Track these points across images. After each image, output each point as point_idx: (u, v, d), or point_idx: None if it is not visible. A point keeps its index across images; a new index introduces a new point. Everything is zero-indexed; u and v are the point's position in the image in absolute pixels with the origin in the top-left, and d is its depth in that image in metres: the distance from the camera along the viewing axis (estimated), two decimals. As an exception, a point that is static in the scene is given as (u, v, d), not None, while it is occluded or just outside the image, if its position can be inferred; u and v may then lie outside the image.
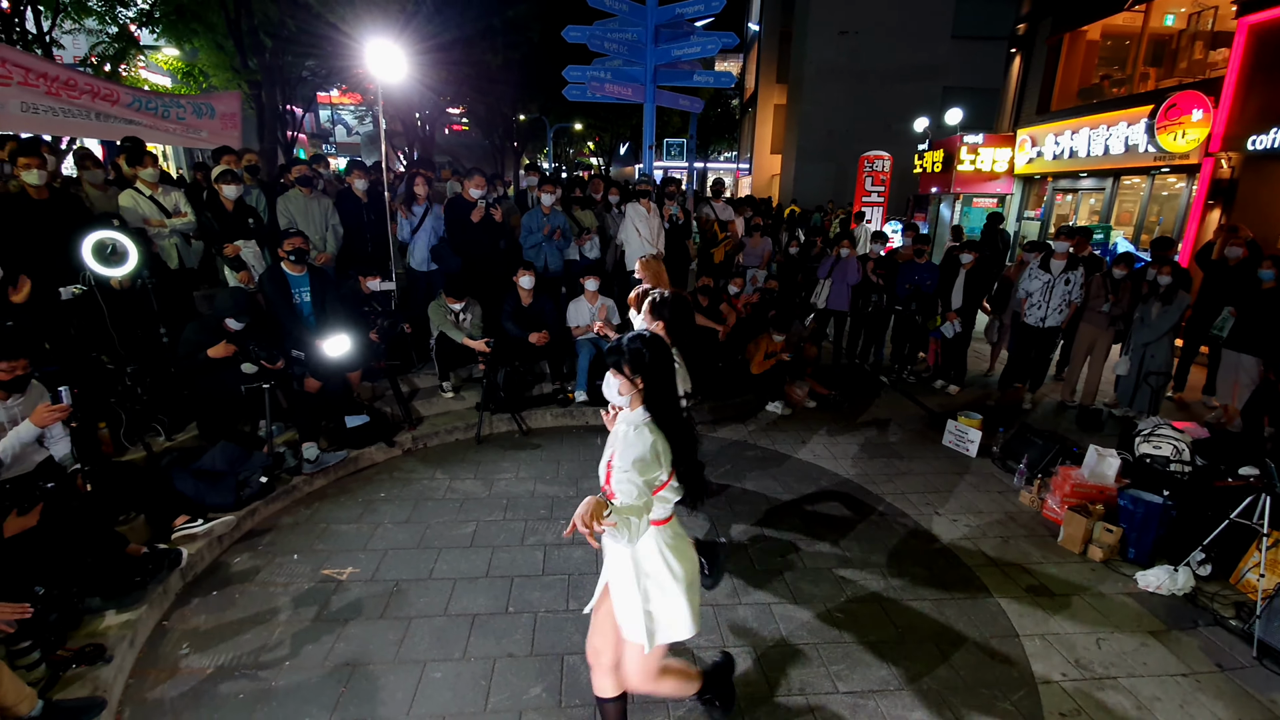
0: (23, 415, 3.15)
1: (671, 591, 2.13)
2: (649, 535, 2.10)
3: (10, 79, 5.83)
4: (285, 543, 3.83)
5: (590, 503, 1.77)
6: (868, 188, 13.64)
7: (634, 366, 2.01)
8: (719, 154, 37.56)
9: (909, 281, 6.84)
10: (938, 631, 3.24)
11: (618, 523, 1.79)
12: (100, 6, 10.71)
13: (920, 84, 19.65)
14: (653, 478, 1.93)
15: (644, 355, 2.01)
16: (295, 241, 4.69)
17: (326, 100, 28.47)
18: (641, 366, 2.01)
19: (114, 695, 2.67)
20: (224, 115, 7.13)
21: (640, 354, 2.01)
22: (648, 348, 2.02)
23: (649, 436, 1.98)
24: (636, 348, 2.02)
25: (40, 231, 4.05)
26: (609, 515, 1.78)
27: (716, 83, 8.31)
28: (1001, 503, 4.61)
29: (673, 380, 2.06)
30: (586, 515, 1.74)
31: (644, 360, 2.01)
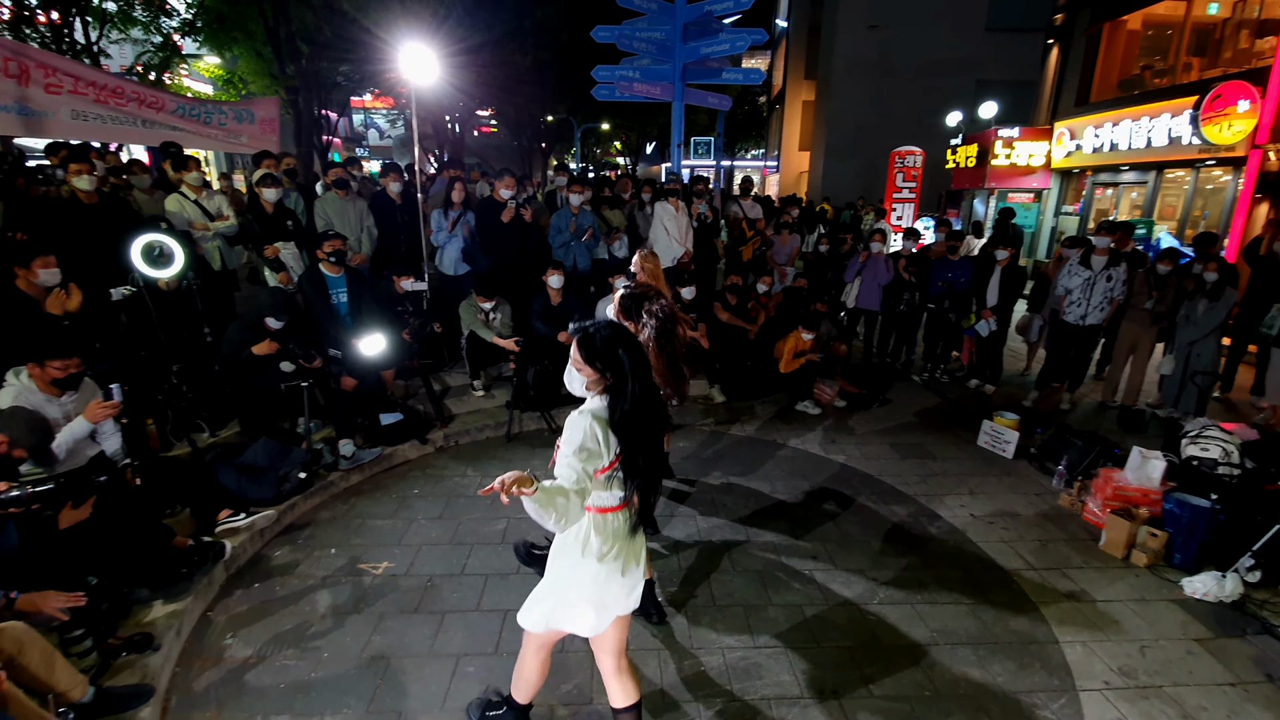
0: (76, 412, 3.29)
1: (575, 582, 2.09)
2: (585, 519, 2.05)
3: (61, 87, 6.08)
4: (323, 537, 3.92)
5: (516, 473, 1.73)
6: (898, 184, 13.44)
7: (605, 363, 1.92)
8: (746, 152, 37.32)
9: (942, 279, 6.72)
10: (974, 636, 3.18)
11: (541, 500, 1.75)
12: (145, 16, 11.10)
13: (953, 78, 19.23)
14: (595, 465, 1.88)
15: (614, 347, 1.92)
16: (335, 244, 4.80)
17: (360, 104, 29.03)
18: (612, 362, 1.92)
19: (161, 683, 2.75)
20: (263, 120, 7.32)
21: (610, 344, 1.93)
22: (617, 339, 1.94)
23: (589, 421, 1.90)
24: (608, 338, 1.93)
25: (91, 235, 4.21)
26: (534, 489, 1.74)
27: (745, 80, 8.28)
28: (1039, 505, 4.51)
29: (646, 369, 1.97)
30: (509, 480, 1.71)
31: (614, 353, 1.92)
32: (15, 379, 3.20)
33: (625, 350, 1.92)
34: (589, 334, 1.94)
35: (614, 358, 1.91)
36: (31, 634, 2.31)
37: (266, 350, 4.20)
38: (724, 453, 5.24)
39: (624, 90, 7.34)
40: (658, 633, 3.15)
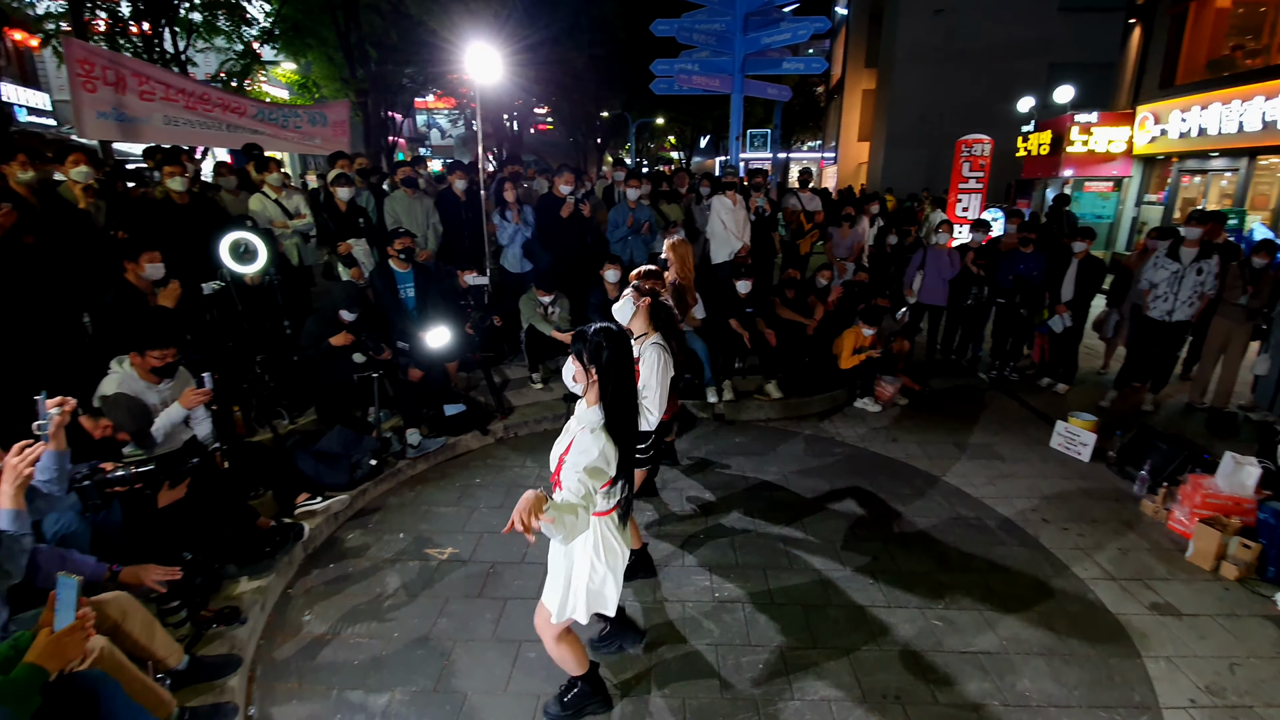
0: (172, 398, 3.53)
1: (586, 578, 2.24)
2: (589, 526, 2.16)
3: (154, 95, 6.51)
4: (392, 522, 4.09)
5: (530, 499, 1.79)
6: (965, 174, 12.86)
7: (591, 358, 2.02)
8: (802, 144, 36.58)
9: (1013, 272, 6.43)
10: (1048, 646, 3.05)
11: (555, 520, 1.82)
12: (228, 26, 11.75)
13: (1024, 61, 18.31)
14: (601, 480, 1.99)
15: (602, 349, 2.01)
16: (405, 241, 4.98)
17: (423, 105, 29.89)
18: (598, 360, 2.01)
19: (247, 654, 2.93)
20: (334, 123, 7.65)
21: (600, 347, 2.01)
22: (607, 342, 2.01)
23: (603, 442, 2.00)
24: (598, 340, 2.01)
25: (183, 233, 4.50)
26: (547, 510, 1.81)
27: (807, 69, 8.21)
28: (1119, 512, 4.28)
29: (630, 378, 2.07)
30: (525, 512, 1.76)
31: (601, 355, 2.01)
32: (119, 367, 3.46)
33: (612, 351, 2.02)
34: (582, 332, 2.07)
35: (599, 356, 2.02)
36: (135, 604, 2.50)
37: (342, 341, 4.41)
38: (781, 449, 5.18)
39: (683, 83, 7.32)
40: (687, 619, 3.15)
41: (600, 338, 2.02)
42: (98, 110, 6.04)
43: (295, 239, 5.43)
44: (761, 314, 6.07)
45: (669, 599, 3.36)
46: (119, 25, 10.84)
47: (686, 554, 3.75)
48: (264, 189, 5.38)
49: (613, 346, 2.02)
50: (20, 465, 2.18)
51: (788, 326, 6.17)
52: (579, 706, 2.60)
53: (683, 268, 4.30)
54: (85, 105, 5.98)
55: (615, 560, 2.28)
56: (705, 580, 3.51)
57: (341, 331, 4.46)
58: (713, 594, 3.40)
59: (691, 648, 3.02)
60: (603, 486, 2.03)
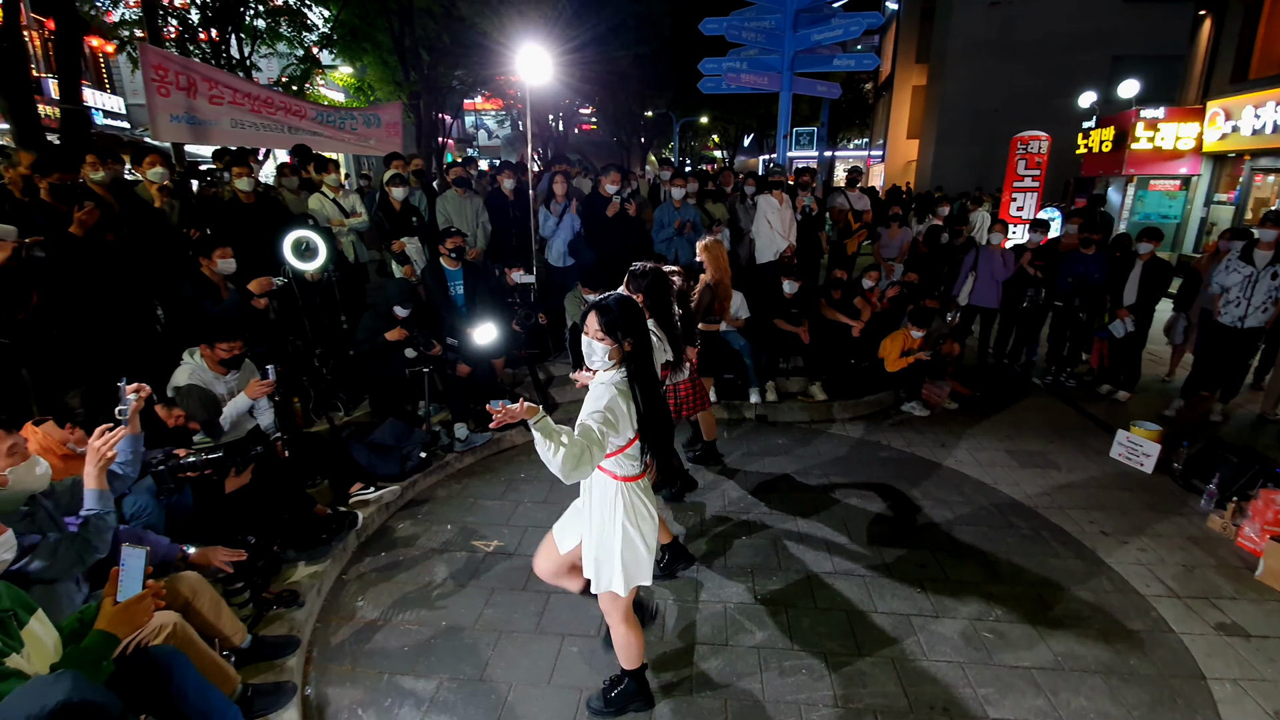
0: (238, 389, 3.70)
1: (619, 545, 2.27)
2: (613, 489, 2.24)
3: (223, 99, 6.81)
4: (440, 513, 4.21)
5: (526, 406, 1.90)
6: (1020, 171, 12.41)
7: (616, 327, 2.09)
8: (848, 142, 35.89)
9: (1073, 274, 6.18)
10: (1105, 664, 2.94)
11: (544, 431, 1.89)
12: (290, 32, 12.22)
13: (1085, 54, 17.54)
14: (613, 431, 2.06)
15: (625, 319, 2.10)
16: (456, 240, 5.11)
17: (470, 107, 30.47)
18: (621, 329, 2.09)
19: (305, 636, 3.06)
20: (388, 124, 7.87)
21: (624, 316, 2.11)
22: (624, 310, 2.11)
23: (614, 394, 2.08)
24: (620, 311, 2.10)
25: (249, 231, 4.71)
26: (537, 421, 1.89)
27: (858, 65, 7.98)
28: (1184, 527, 4.08)
29: (648, 345, 2.16)
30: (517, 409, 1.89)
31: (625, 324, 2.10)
32: (190, 358, 3.65)
33: (633, 319, 2.13)
34: (605, 305, 2.13)
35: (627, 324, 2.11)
36: (204, 583, 2.64)
37: (397, 336, 4.56)
38: (824, 452, 5.12)
39: (731, 81, 7.28)
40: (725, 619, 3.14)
41: (618, 307, 2.12)
42: (171, 114, 6.36)
43: (351, 237, 5.63)
44: (807, 314, 6.00)
45: (710, 599, 3.36)
46: (189, 32, 11.39)
47: (728, 554, 3.74)
48: (322, 189, 5.59)
49: (637, 316, 2.15)
50: (103, 448, 2.32)
51: (833, 328, 6.08)
52: (622, 704, 2.63)
53: (717, 268, 4.29)
54: (159, 109, 6.30)
55: (647, 526, 2.32)
56: (747, 581, 3.50)
57: (396, 327, 4.60)
58: (755, 595, 3.39)
59: (733, 649, 3.01)
60: (624, 447, 2.13)
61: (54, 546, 2.17)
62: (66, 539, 2.21)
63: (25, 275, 3.36)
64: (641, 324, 2.15)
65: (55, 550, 2.17)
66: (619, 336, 2.10)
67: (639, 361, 2.15)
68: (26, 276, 3.38)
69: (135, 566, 2.03)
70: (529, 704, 2.72)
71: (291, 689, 2.64)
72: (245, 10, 11.33)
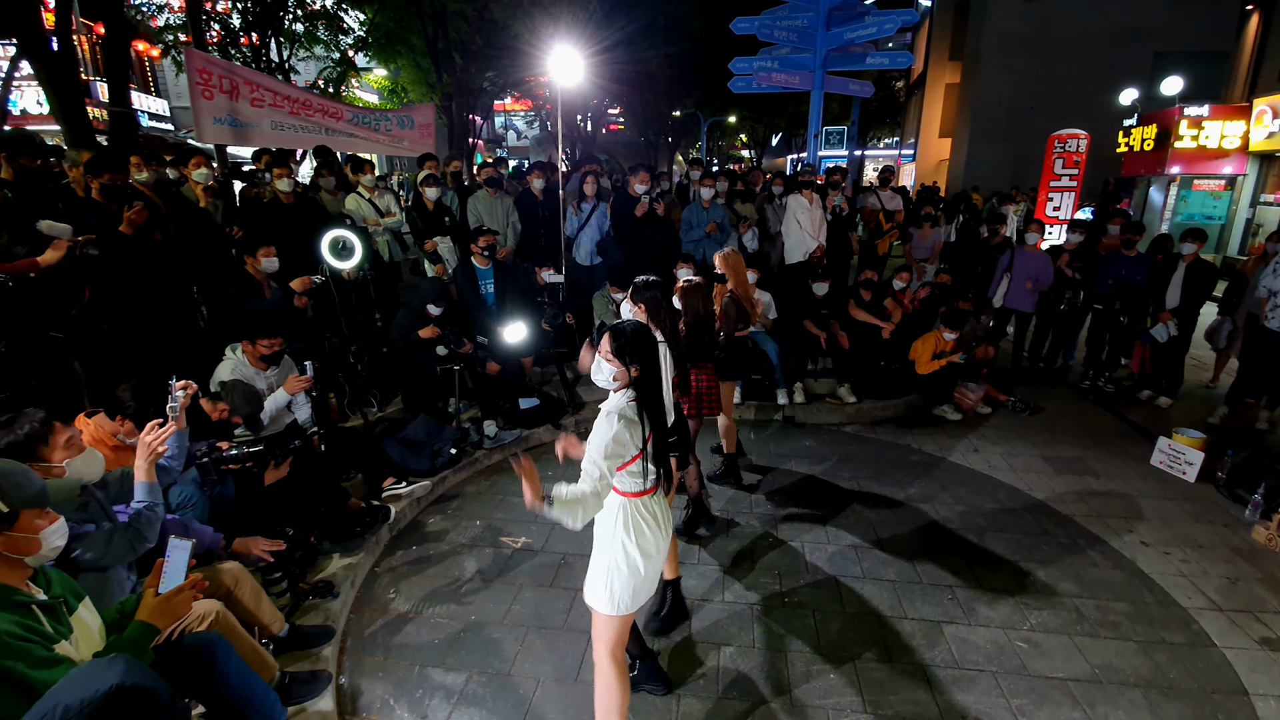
0: (278, 384, 3.80)
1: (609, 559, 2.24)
2: (615, 503, 2.22)
3: (263, 101, 6.98)
4: (469, 509, 4.27)
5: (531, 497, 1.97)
6: (1057, 170, 12.11)
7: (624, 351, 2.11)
8: (879, 140, 35.37)
9: (1114, 276, 6.02)
10: (1145, 678, 2.86)
11: (559, 511, 1.97)
12: (327, 36, 12.50)
13: (1126, 50, 17.03)
14: (618, 462, 2.09)
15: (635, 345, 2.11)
16: (488, 239, 5.19)
17: (500, 108, 30.76)
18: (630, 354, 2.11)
19: (339, 626, 3.13)
20: (421, 126, 8.00)
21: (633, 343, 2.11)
22: (638, 338, 2.13)
23: (616, 424, 2.08)
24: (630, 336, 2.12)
25: (289, 230, 4.83)
26: (550, 506, 1.97)
27: (892, 64, 7.86)
28: (1228, 538, 3.96)
29: (658, 372, 2.19)
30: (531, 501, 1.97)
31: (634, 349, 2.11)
32: (233, 354, 3.77)
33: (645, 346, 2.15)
34: (620, 328, 2.16)
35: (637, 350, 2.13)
36: (245, 573, 2.72)
37: (431, 334, 4.64)
38: (852, 455, 5.07)
39: (762, 81, 7.24)
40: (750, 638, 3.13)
41: (631, 333, 2.14)
42: (214, 116, 6.55)
43: (386, 236, 5.74)
44: (836, 316, 5.95)
45: (736, 600, 3.36)
46: (230, 37, 11.72)
47: (754, 556, 3.73)
48: (359, 189, 5.71)
49: (647, 344, 2.15)
50: (154, 443, 2.41)
51: (863, 329, 6.01)
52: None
53: (737, 278, 4.28)
54: (203, 112, 6.49)
55: (648, 545, 2.22)
56: (774, 585, 3.48)
57: (429, 324, 4.68)
58: (782, 599, 3.37)
59: (759, 651, 3.01)
60: (620, 468, 2.12)
61: (108, 535, 2.26)
62: (119, 529, 2.29)
63: (78, 272, 3.50)
64: (652, 352, 2.17)
65: (109, 540, 2.25)
66: (627, 361, 2.12)
67: (647, 387, 2.16)
68: (79, 273, 3.51)
69: (180, 559, 2.10)
70: (555, 700, 2.74)
71: (327, 678, 2.70)
72: (284, 15, 11.62)
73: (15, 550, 1.81)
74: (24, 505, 1.81)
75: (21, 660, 1.69)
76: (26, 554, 1.83)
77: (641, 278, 3.06)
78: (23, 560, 1.84)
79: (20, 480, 1.83)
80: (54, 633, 1.83)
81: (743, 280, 4.35)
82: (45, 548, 1.86)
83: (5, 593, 1.78)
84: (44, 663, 1.72)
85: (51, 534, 1.88)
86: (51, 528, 1.88)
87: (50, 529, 1.87)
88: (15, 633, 1.72)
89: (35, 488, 1.86)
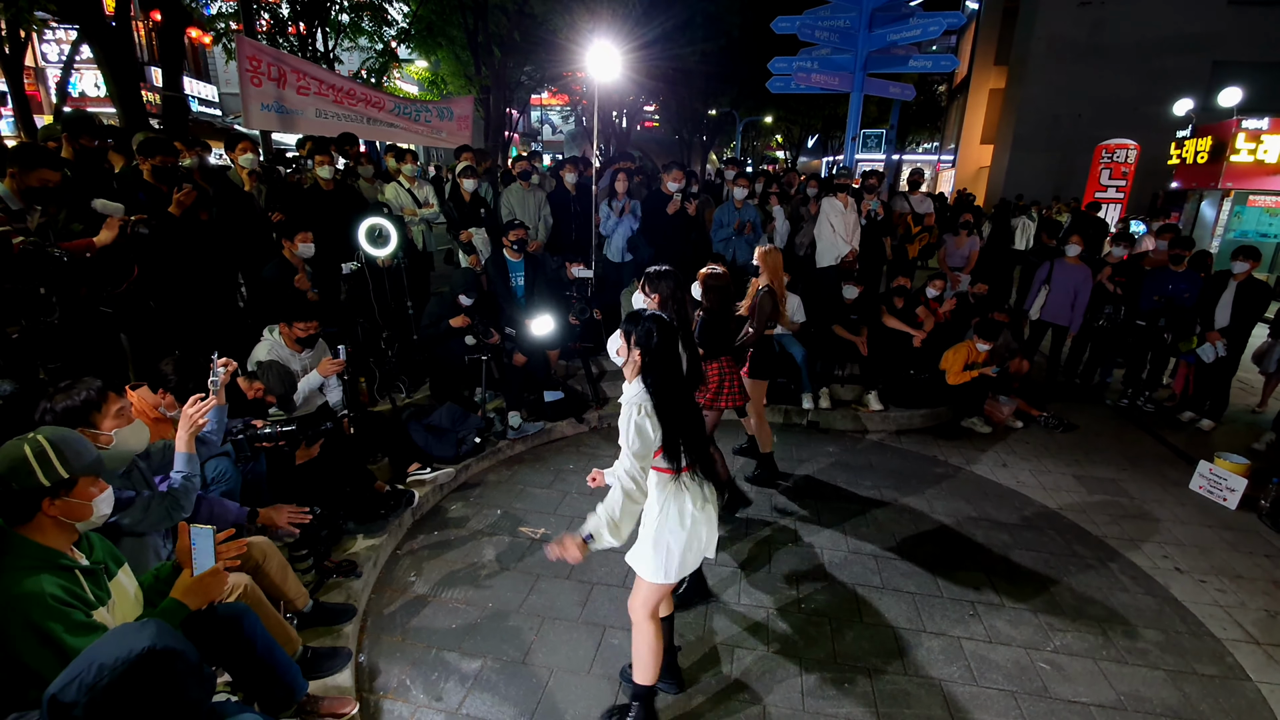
0: (311, 366, 3.89)
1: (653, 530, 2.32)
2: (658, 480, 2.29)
3: (309, 89, 7.12)
4: (490, 498, 4.32)
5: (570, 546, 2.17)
6: (1103, 181, 11.79)
7: (639, 341, 2.18)
8: (917, 145, 34.74)
9: (1160, 292, 5.82)
10: (1173, 709, 2.77)
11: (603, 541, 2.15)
12: (371, 27, 12.74)
13: (1183, 58, 16.42)
14: (646, 453, 2.17)
15: (652, 335, 2.17)
16: (519, 233, 5.23)
17: (537, 102, 30.97)
18: (646, 344, 2.17)
19: (360, 605, 3.20)
20: (459, 118, 8.08)
21: (650, 333, 2.17)
22: (658, 330, 2.18)
23: (639, 421, 2.15)
24: (649, 327, 2.18)
25: (328, 216, 4.94)
26: (590, 543, 2.16)
27: (935, 67, 7.70)
28: (1269, 569, 3.81)
29: (675, 363, 2.22)
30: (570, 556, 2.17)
31: (650, 340, 2.16)
32: (270, 335, 3.86)
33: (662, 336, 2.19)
34: (638, 314, 2.27)
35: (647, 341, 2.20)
36: (273, 548, 2.79)
37: (461, 323, 4.70)
38: (876, 464, 5.00)
39: (801, 81, 7.16)
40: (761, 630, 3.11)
41: (651, 324, 2.18)
42: (262, 103, 6.70)
43: (422, 226, 5.83)
44: (866, 322, 5.87)
45: (753, 604, 3.34)
46: (279, 26, 12.00)
47: (772, 561, 3.71)
48: (399, 178, 5.80)
49: (662, 334, 2.18)
50: (195, 416, 2.49)
51: (892, 336, 5.92)
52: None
53: (775, 275, 4.24)
54: (251, 98, 6.65)
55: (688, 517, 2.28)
56: (791, 591, 3.46)
57: (460, 314, 4.75)
58: (799, 605, 3.35)
59: (774, 657, 2.99)
60: (655, 455, 2.21)
61: (146, 503, 2.34)
62: (158, 498, 2.38)
63: (129, 250, 3.62)
64: (667, 344, 2.20)
65: (148, 507, 2.34)
66: (631, 345, 2.21)
67: (658, 376, 2.19)
68: (130, 251, 3.64)
69: (205, 546, 2.15)
70: (568, 690, 2.77)
71: (347, 654, 2.76)
72: (331, 5, 11.86)
73: (70, 515, 1.88)
74: (83, 472, 1.88)
75: (62, 623, 1.76)
76: (80, 519, 1.91)
77: (655, 268, 3.06)
78: (74, 525, 1.91)
79: (80, 448, 1.90)
80: (94, 598, 1.91)
81: (780, 278, 4.32)
82: (95, 514, 1.94)
83: (52, 556, 1.86)
84: (81, 628, 1.79)
85: (102, 501, 1.95)
86: (102, 496, 1.95)
87: (101, 497, 1.95)
88: (59, 596, 1.79)
89: (92, 456, 1.93)
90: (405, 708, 2.67)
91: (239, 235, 4.59)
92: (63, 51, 13.61)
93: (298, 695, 2.34)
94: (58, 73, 12.46)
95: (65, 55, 8.87)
